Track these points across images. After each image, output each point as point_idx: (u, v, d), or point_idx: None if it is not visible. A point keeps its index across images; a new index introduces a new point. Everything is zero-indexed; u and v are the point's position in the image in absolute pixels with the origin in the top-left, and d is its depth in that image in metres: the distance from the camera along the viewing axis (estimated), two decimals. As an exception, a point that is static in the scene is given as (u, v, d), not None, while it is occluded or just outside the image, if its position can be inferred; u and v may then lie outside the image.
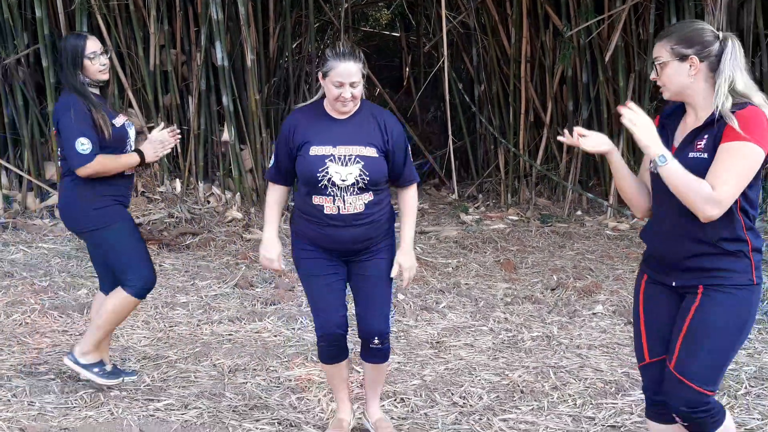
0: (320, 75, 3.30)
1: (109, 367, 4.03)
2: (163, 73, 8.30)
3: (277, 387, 4.12)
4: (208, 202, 8.13)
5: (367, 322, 3.43)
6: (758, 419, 3.75)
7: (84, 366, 3.97)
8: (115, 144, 3.89)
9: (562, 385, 4.18)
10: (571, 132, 2.76)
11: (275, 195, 3.49)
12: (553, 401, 3.98)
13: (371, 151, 3.28)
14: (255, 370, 4.33)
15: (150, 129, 8.21)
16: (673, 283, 2.70)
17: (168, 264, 6.49)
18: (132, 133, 4.04)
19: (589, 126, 8.81)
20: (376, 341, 3.44)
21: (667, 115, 2.80)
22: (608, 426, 3.73)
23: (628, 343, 4.84)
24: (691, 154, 2.60)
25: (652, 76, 2.71)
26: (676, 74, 2.63)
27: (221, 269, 6.34)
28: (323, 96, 3.36)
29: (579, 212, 8.55)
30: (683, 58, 2.61)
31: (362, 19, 13.42)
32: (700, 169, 2.54)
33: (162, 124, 4.22)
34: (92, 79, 3.92)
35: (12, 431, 3.53)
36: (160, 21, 8.16)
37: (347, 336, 3.49)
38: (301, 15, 9.53)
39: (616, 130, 8.66)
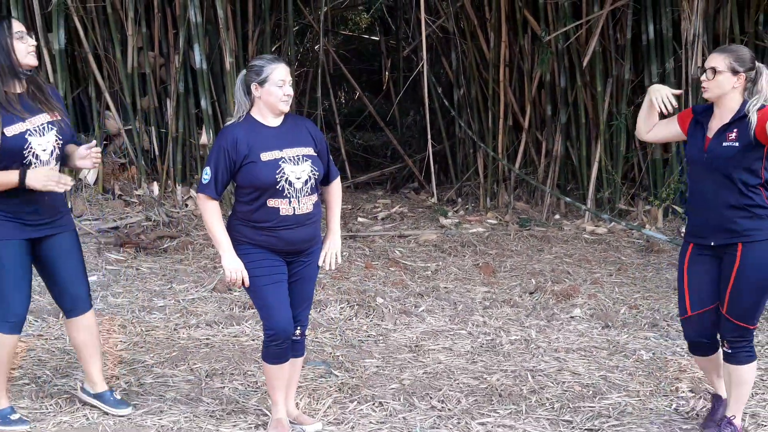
0: (255, 86, 3.49)
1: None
2: (141, 75, 8.25)
3: (255, 391, 4.09)
4: (186, 205, 8.09)
5: (299, 318, 3.66)
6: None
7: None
8: (4, 157, 3.41)
9: (540, 388, 4.19)
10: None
11: (217, 210, 3.59)
12: (531, 405, 3.99)
13: (311, 150, 3.57)
14: (232, 374, 4.31)
15: (127, 132, 8.22)
16: (712, 243, 3.46)
17: (145, 267, 6.44)
18: (42, 140, 3.49)
19: (566, 131, 8.87)
20: (298, 332, 3.67)
21: (700, 112, 3.57)
22: (585, 429, 3.74)
23: (606, 346, 4.87)
24: (725, 144, 3.40)
25: (703, 77, 3.45)
26: (726, 82, 3.41)
27: (199, 273, 6.30)
28: (249, 110, 3.54)
29: (557, 216, 8.59)
30: (735, 72, 3.41)
31: (341, 23, 13.42)
32: (732, 153, 3.37)
33: (93, 142, 3.67)
34: (20, 64, 3.47)
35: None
36: (138, 23, 8.12)
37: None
38: (280, 18, 9.51)
39: (593, 133, 8.72)
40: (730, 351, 3.52)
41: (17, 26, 3.52)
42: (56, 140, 3.57)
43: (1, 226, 3.49)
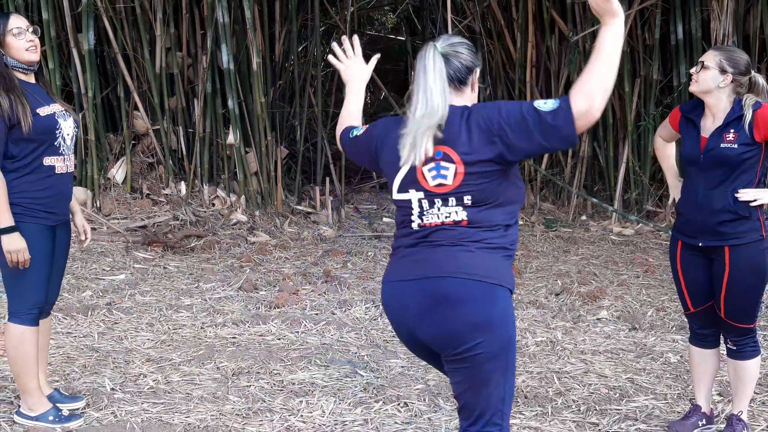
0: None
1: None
2: (169, 75, 8.32)
3: (281, 390, 4.11)
4: (213, 204, 8.14)
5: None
6: (764, 426, 3.74)
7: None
8: (38, 136, 3.44)
9: (566, 390, 4.17)
10: None
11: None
12: (557, 407, 3.97)
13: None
14: (258, 373, 4.33)
15: (155, 132, 8.29)
16: (700, 244, 3.45)
17: (172, 266, 6.49)
18: (66, 125, 3.55)
19: (594, 131, 8.81)
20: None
21: (689, 110, 3.53)
22: (612, 432, 3.72)
23: (633, 348, 4.83)
24: (723, 145, 3.37)
25: (692, 70, 3.46)
26: (711, 79, 3.38)
27: (225, 272, 6.34)
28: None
29: (584, 217, 8.54)
30: (723, 71, 3.38)
31: (368, 23, 13.42)
32: (732, 155, 3.34)
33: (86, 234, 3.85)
34: (19, 59, 3.47)
35: (15, 433, 3.54)
36: (166, 24, 8.18)
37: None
38: (307, 18, 9.54)
39: (621, 134, 8.65)
40: (734, 348, 3.54)
41: (15, 22, 3.48)
42: (74, 128, 3.63)
43: (29, 214, 3.47)
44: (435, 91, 2.36)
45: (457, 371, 2.42)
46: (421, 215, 2.42)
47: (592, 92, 2.24)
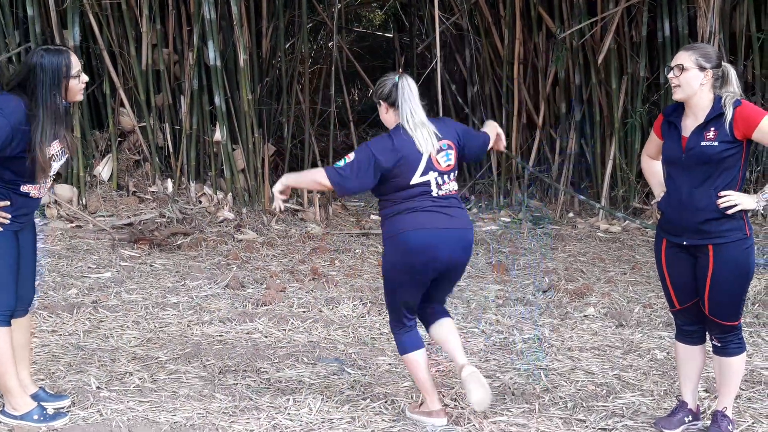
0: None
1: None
2: (156, 72, 8.28)
3: (268, 388, 4.10)
4: (200, 202, 8.11)
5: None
6: (750, 422, 3.76)
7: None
8: (25, 173, 3.43)
9: (553, 387, 4.18)
10: None
11: None
12: (545, 403, 3.97)
13: None
14: (245, 371, 4.32)
15: (141, 129, 8.24)
16: (685, 243, 3.48)
17: (159, 264, 6.46)
18: (56, 165, 3.52)
19: (581, 128, 8.83)
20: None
21: (669, 113, 3.54)
22: (599, 429, 3.72)
23: (620, 345, 4.84)
24: (703, 143, 3.37)
25: (670, 75, 3.44)
26: (694, 79, 3.39)
27: (212, 269, 6.32)
28: None
29: (571, 214, 8.56)
30: (702, 69, 3.38)
31: (355, 20, 13.41)
32: (713, 153, 3.35)
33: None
34: (70, 101, 3.49)
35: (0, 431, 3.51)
36: (152, 20, 8.14)
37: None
38: (294, 15, 9.52)
39: (608, 131, 8.67)
40: (719, 345, 3.56)
41: (76, 63, 3.45)
42: (62, 164, 3.63)
43: None
44: (420, 109, 3.62)
45: (450, 281, 3.74)
46: (438, 188, 3.57)
47: None
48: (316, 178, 3.60)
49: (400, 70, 3.62)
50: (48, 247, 6.74)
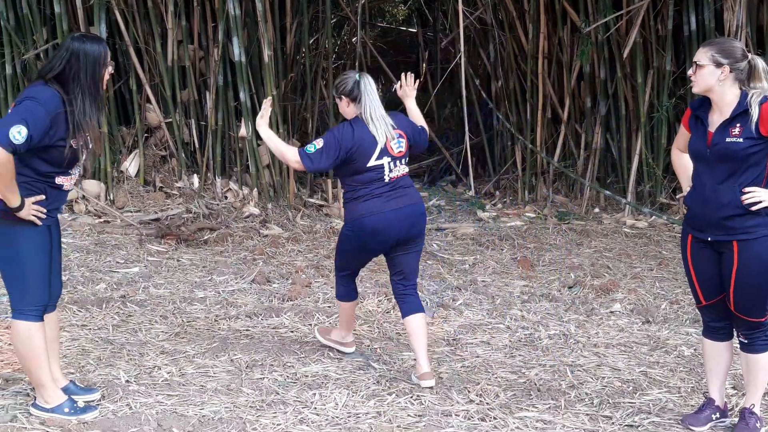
0: None
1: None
2: (181, 68, 8.33)
3: (294, 383, 4.13)
4: (226, 197, 8.16)
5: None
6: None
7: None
8: (60, 163, 3.49)
9: (579, 383, 4.17)
10: None
11: None
12: (570, 400, 3.96)
13: None
14: (272, 365, 4.35)
15: (168, 124, 8.31)
16: (709, 238, 3.47)
17: (185, 259, 6.52)
18: (83, 157, 3.58)
19: (606, 123, 8.78)
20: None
21: (697, 107, 3.54)
22: (625, 425, 3.71)
23: (646, 342, 4.82)
24: (728, 139, 3.37)
25: (690, 72, 3.48)
26: (710, 75, 3.39)
27: (238, 265, 6.36)
28: None
29: (597, 210, 8.52)
30: (719, 65, 3.37)
31: (379, 15, 13.40)
32: (738, 149, 3.34)
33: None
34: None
35: (32, 424, 3.56)
36: (177, 16, 8.19)
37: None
38: (318, 11, 9.53)
39: (633, 126, 8.62)
40: (746, 341, 3.55)
41: (108, 53, 3.55)
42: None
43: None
44: (380, 104, 4.18)
45: (410, 254, 4.22)
46: (389, 172, 4.11)
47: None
48: (288, 156, 4.13)
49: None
50: (76, 242, 6.82)
